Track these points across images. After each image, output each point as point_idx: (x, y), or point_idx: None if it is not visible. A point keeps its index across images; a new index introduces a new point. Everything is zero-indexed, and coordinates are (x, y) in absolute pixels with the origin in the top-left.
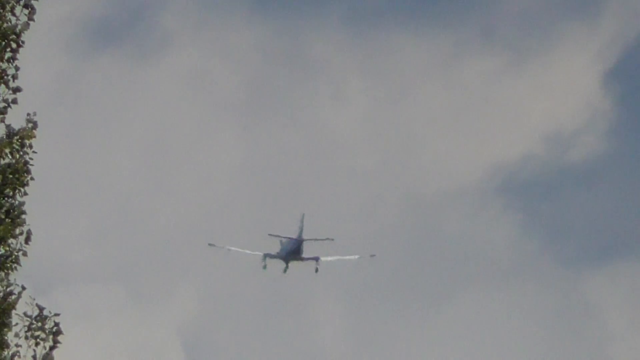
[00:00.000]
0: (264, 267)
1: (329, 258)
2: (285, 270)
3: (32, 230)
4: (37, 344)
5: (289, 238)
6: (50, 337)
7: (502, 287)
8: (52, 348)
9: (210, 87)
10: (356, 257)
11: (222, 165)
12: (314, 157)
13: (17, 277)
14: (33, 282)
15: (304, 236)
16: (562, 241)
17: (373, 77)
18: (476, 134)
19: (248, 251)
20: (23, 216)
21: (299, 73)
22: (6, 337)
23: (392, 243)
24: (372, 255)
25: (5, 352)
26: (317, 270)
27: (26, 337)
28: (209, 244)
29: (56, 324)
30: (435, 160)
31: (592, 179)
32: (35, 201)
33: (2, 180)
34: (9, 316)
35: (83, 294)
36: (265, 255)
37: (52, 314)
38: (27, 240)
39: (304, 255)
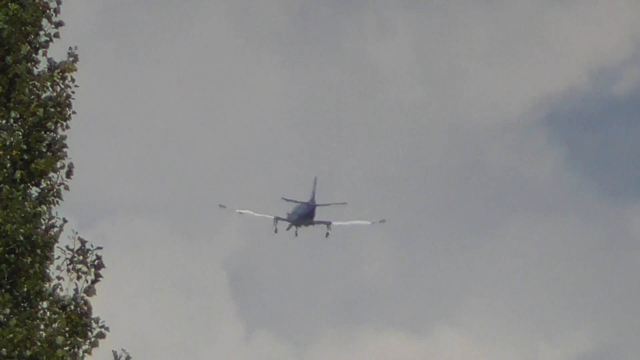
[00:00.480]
0: (275, 230)
1: (341, 223)
2: (296, 234)
3: (74, 164)
4: (78, 277)
5: (302, 202)
6: (92, 270)
7: (546, 220)
8: (94, 281)
9: (254, 19)
10: (368, 222)
11: (265, 98)
12: (357, 90)
13: (59, 211)
14: (77, 215)
15: (317, 201)
16: (606, 174)
17: (419, 10)
18: (521, 66)
19: (259, 214)
20: (64, 150)
21: (344, 5)
22: (48, 270)
23: (436, 177)
24: (382, 221)
25: (47, 285)
26: (327, 234)
27: (68, 271)
28: (220, 205)
29: (98, 258)
30: (480, 93)
31: (637, 112)
32: (77, 135)
33: (43, 114)
34: (51, 250)
35: (128, 227)
36: (277, 219)
37: (94, 248)
38: (69, 174)
39: (316, 219)
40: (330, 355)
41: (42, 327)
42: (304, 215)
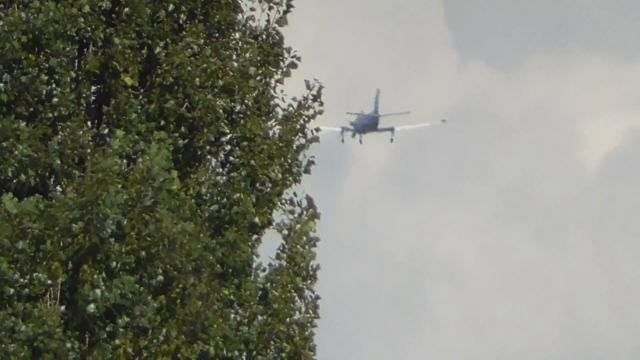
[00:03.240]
0: (342, 140)
1: (403, 127)
2: (360, 142)
3: None
4: (270, 8)
5: (366, 114)
6: (284, 0)
7: None
8: (285, 12)
9: None
10: (428, 124)
11: None
12: None
13: None
14: None
15: (380, 112)
16: None
17: None
18: None
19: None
20: None
21: None
22: (240, 1)
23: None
24: (443, 121)
25: (240, 16)
26: (392, 140)
27: (260, 1)
28: None
29: None
30: None
31: None
32: None
33: None
34: None
35: None
36: (343, 129)
37: None
38: None
39: (380, 126)
40: (538, 82)
41: (234, 57)
42: (369, 126)
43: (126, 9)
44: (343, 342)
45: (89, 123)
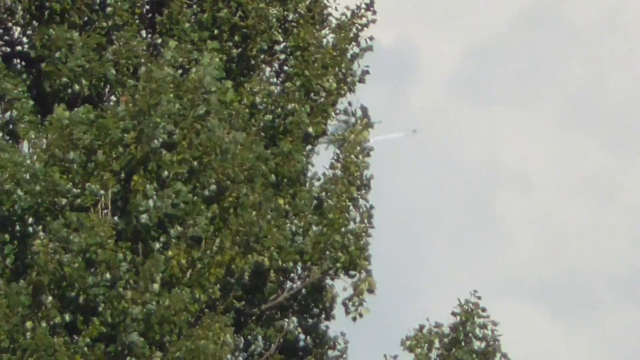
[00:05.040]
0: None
1: (377, 138)
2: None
3: None
4: None
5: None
6: None
7: None
8: None
9: None
10: (402, 134)
11: None
12: None
13: None
14: None
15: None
16: None
17: None
18: None
19: None
20: None
21: None
22: None
23: None
24: (414, 131)
25: None
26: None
27: None
28: None
29: None
30: None
31: None
32: None
33: None
34: None
35: None
36: None
37: None
38: None
39: None
40: None
41: None
42: None
43: None
44: (398, 253)
45: (142, 32)
